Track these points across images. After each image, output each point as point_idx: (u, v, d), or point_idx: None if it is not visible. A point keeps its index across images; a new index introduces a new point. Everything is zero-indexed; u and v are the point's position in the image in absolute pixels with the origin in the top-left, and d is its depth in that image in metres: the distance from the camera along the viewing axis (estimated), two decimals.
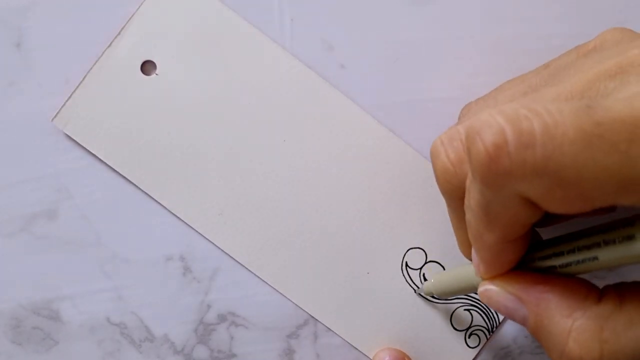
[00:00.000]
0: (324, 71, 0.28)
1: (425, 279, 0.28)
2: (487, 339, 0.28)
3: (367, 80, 0.28)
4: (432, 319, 0.28)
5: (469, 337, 0.28)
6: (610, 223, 0.17)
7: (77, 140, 0.27)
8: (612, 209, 0.20)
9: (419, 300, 0.28)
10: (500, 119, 0.16)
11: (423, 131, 0.28)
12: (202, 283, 0.28)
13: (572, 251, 0.18)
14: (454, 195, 0.21)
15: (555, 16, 0.28)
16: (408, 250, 0.28)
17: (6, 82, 0.27)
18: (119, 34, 0.27)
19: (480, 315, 0.28)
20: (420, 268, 0.28)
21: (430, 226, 0.28)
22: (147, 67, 0.27)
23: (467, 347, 0.28)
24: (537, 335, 0.19)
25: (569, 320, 0.18)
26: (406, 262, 0.28)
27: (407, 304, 0.28)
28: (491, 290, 0.20)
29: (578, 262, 0.18)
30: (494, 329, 0.28)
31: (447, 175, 0.21)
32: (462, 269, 0.24)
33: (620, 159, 0.15)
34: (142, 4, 0.27)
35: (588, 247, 0.18)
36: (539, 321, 0.19)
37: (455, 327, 0.28)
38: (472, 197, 0.18)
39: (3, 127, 0.27)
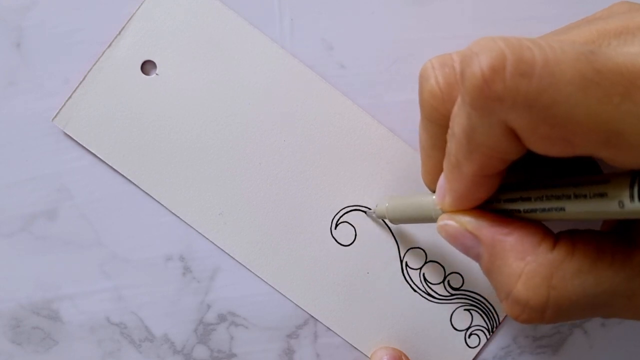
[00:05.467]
0: (324, 71, 0.28)
1: (425, 279, 0.28)
2: (487, 339, 0.28)
3: (367, 80, 0.28)
4: (432, 319, 0.28)
5: (469, 337, 0.28)
6: (584, 178, 0.17)
7: (77, 140, 0.27)
8: (582, 169, 0.21)
9: (419, 300, 0.28)
10: (502, 44, 0.15)
11: None
12: (202, 283, 0.28)
13: (540, 198, 0.18)
14: (436, 122, 0.21)
15: (553, 17, 0.28)
16: (408, 250, 0.28)
17: (6, 82, 0.27)
18: (119, 34, 0.27)
19: (480, 315, 0.28)
20: (420, 268, 0.28)
21: (431, 226, 0.28)
22: (147, 67, 0.27)
23: (467, 347, 0.28)
24: (489, 274, 0.20)
25: (521, 264, 0.18)
26: (406, 262, 0.28)
27: (407, 304, 0.28)
28: (450, 226, 0.20)
29: (544, 209, 0.18)
30: (494, 329, 0.28)
31: (433, 100, 0.21)
32: (421, 198, 0.23)
33: (610, 110, 0.15)
34: (142, 4, 0.27)
35: (557, 197, 0.18)
36: (492, 261, 0.19)
37: (455, 327, 0.28)
38: (458, 123, 0.18)
39: (3, 127, 0.27)
